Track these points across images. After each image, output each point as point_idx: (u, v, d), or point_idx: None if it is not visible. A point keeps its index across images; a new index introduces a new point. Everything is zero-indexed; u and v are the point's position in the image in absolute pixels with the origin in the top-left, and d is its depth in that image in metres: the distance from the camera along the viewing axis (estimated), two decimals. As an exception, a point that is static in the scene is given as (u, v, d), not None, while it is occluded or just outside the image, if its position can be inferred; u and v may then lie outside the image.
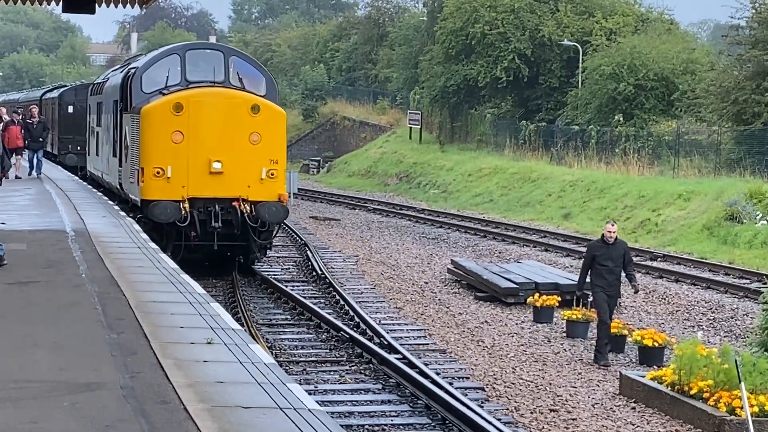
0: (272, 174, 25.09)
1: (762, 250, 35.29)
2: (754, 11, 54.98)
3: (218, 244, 24.48)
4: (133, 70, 27.47)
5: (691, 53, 64.06)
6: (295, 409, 9.66)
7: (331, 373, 17.79)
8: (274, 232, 26.79)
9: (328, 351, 19.40)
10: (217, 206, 24.36)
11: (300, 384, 11.35)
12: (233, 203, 24.52)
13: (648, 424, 15.91)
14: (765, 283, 24.22)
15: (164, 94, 25.36)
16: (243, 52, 29.19)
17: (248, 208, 24.46)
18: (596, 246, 20.97)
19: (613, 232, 20.80)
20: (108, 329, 12.94)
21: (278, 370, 11.29)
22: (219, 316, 14.12)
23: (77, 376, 10.55)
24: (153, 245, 21.89)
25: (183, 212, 23.84)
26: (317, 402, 10.42)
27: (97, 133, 36.08)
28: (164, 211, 23.69)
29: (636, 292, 22.43)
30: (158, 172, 24.30)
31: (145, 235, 23.85)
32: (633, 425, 15.84)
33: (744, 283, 29.27)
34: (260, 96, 26.23)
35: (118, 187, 29.30)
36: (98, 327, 13.09)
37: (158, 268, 18.42)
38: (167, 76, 26.28)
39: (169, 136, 24.39)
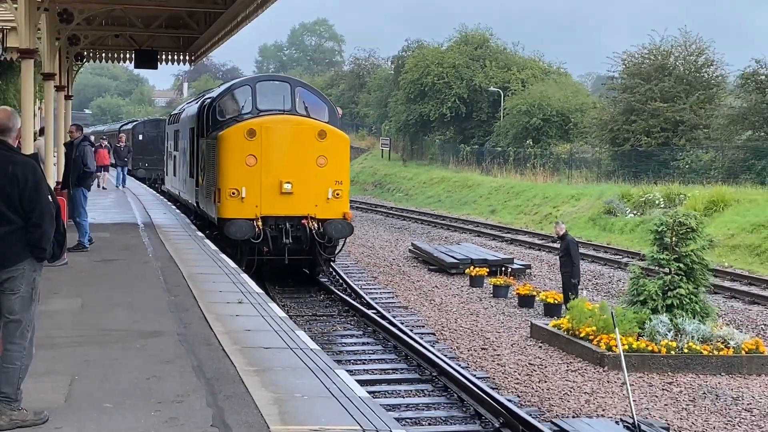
0: (337, 194, 20.70)
1: (630, 235, 35.45)
2: (623, 66, 55.19)
3: (288, 258, 20.25)
4: (208, 100, 23.20)
5: (580, 96, 64.44)
6: (301, 349, 9.72)
7: (327, 324, 17.77)
8: (339, 247, 22.02)
9: (324, 308, 19.37)
10: (287, 224, 20.23)
11: (304, 331, 11.35)
12: (302, 221, 20.29)
13: (551, 358, 15.93)
14: (632, 259, 24.27)
15: (238, 122, 21.17)
16: (307, 83, 24.15)
17: (316, 225, 20.24)
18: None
19: (559, 230, 20.25)
20: (168, 293, 12.97)
21: (289, 322, 11.33)
22: (247, 283, 14.16)
23: (146, 327, 10.60)
24: (199, 233, 21.87)
25: (256, 230, 19.78)
26: (317, 344, 10.43)
27: (174, 156, 31.06)
28: (240, 229, 19.59)
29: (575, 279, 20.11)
30: (233, 193, 20.14)
31: (193, 226, 23.85)
32: (540, 358, 15.87)
33: (617, 258, 29.37)
34: (324, 122, 21.89)
35: (195, 204, 24.91)
36: (161, 291, 13.12)
37: (203, 250, 18.43)
38: (241, 106, 22.24)
39: (244, 160, 20.18)
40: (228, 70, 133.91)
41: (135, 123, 59.03)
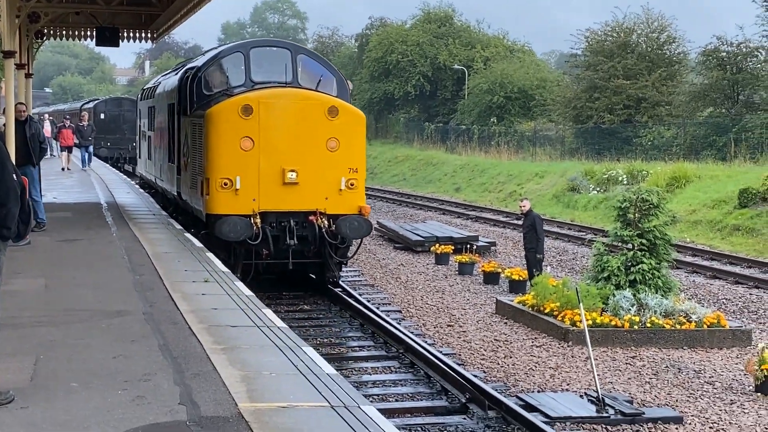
0: (352, 184, 16.82)
1: (593, 212, 35.73)
2: (587, 44, 55.41)
3: (292, 262, 16.68)
4: (192, 70, 18.73)
5: (543, 74, 64.68)
6: (268, 327, 9.74)
7: (293, 302, 17.75)
8: (355, 249, 18.53)
9: (291, 286, 19.32)
10: (291, 221, 16.49)
11: (271, 308, 11.36)
12: (310, 217, 16.53)
13: (516, 334, 16.03)
14: (596, 235, 24.44)
15: (229, 96, 17.13)
16: (311, 50, 19.77)
17: (326, 222, 16.53)
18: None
19: (523, 207, 19.97)
20: (133, 272, 12.93)
21: (256, 300, 11.35)
22: (213, 262, 14.14)
23: (111, 306, 10.59)
24: (164, 213, 21.77)
25: (254, 229, 16.07)
26: (284, 322, 10.44)
27: (149, 137, 26.25)
28: (234, 228, 15.88)
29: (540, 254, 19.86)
30: (226, 184, 16.28)
31: (158, 206, 23.71)
32: (505, 334, 15.96)
33: (581, 235, 29.57)
34: (334, 97, 17.72)
35: (176, 195, 20.42)
36: (125, 271, 13.08)
37: (168, 229, 18.36)
38: (230, 77, 18.09)
39: (238, 143, 16.29)
40: (190, 48, 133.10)
41: (96, 101, 58.62)
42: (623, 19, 54.52)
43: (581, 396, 12.05)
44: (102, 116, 52.99)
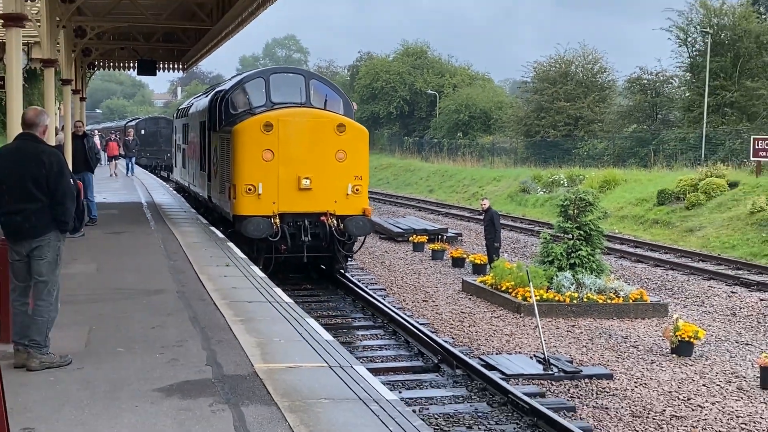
0: (357, 189, 16.36)
1: (541, 209, 35.70)
2: (534, 72, 55.45)
3: (307, 255, 16.19)
4: (221, 93, 18.33)
5: (500, 97, 64.72)
6: (278, 302, 9.66)
7: (298, 282, 17.64)
8: (359, 245, 17.93)
9: (295, 271, 19.17)
10: (306, 221, 16.04)
11: (280, 288, 11.28)
12: (321, 218, 16.09)
13: (478, 307, 16.00)
14: (543, 228, 24.41)
15: (252, 115, 16.64)
16: (321, 76, 19.16)
17: (335, 222, 16.08)
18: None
19: (483, 204, 19.90)
20: (168, 258, 12.83)
21: (268, 281, 11.25)
22: (232, 250, 14.05)
23: (150, 286, 10.47)
24: (193, 211, 21.65)
25: (274, 227, 15.63)
26: (291, 298, 10.38)
27: (184, 149, 25.47)
28: (257, 227, 15.44)
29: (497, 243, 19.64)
30: (250, 189, 15.84)
31: (188, 204, 23.56)
32: (470, 308, 15.93)
33: (531, 227, 29.56)
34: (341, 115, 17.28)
35: (207, 198, 19.81)
36: (162, 257, 12.98)
37: (197, 224, 18.24)
38: (253, 98, 17.51)
39: (260, 154, 15.88)
40: (214, 76, 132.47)
41: (138, 120, 58.42)
42: (564, 52, 54.63)
43: (531, 357, 12.02)
44: (142, 132, 52.70)
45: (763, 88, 40.62)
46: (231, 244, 14.64)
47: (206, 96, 21.32)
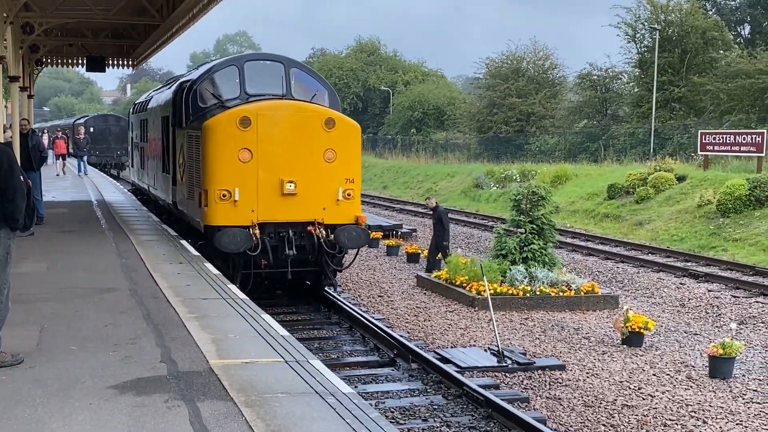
0: (348, 194, 14.06)
1: (494, 204, 36.00)
2: (487, 69, 55.84)
3: (291, 271, 13.88)
4: (187, 84, 15.82)
5: (453, 94, 65.05)
6: (232, 299, 9.63)
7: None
8: (352, 258, 16.00)
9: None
10: (290, 231, 13.73)
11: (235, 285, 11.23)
12: (308, 228, 13.78)
13: (433, 302, 16.10)
14: (496, 223, 24.61)
15: (226, 108, 14.25)
16: (303, 64, 16.32)
17: (324, 232, 13.82)
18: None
19: (430, 203, 19.77)
20: (119, 257, 12.70)
21: (222, 278, 11.16)
22: (185, 248, 13.89)
23: (102, 284, 10.37)
24: (145, 209, 21.42)
25: (254, 240, 13.35)
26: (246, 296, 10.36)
27: (142, 148, 22.77)
28: (233, 239, 13.16)
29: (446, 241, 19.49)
30: (224, 195, 13.46)
31: (139, 203, 23.31)
32: (425, 303, 16.03)
33: (484, 222, 29.81)
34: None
35: (171, 204, 17.25)
36: (114, 256, 12.83)
37: (149, 222, 18.07)
38: (225, 89, 15.13)
39: (236, 155, 13.52)
40: (164, 73, 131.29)
41: (87, 118, 57.67)
42: (515, 49, 55.10)
43: (485, 350, 12.13)
44: (92, 129, 52.05)
45: (709, 84, 41.39)
46: (184, 242, 14.51)
47: (169, 88, 18.69)
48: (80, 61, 27.07)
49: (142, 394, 5.90)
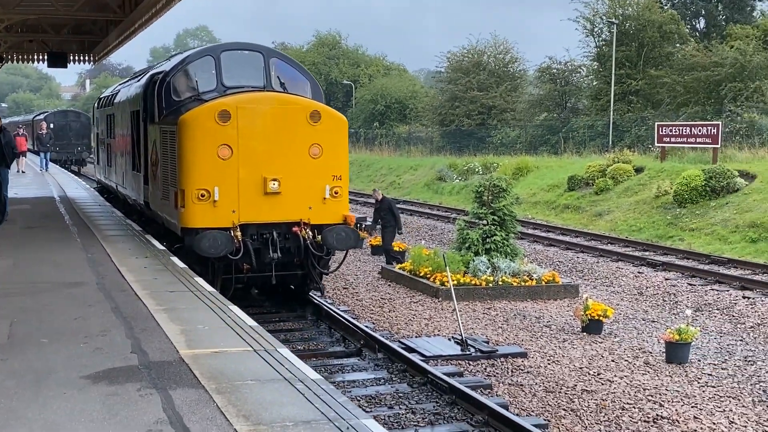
0: (336, 192, 13.21)
1: (457, 196, 36.28)
2: (448, 63, 56.11)
3: (276, 274, 12.92)
4: (159, 76, 14.70)
5: (415, 87, 65.23)
6: (200, 291, 9.73)
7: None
8: (342, 260, 15.04)
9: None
10: (274, 233, 12.77)
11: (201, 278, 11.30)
12: (293, 228, 12.83)
13: (397, 293, 16.29)
14: (459, 215, 24.84)
15: (202, 101, 13.22)
16: (283, 53, 15.30)
17: (310, 233, 12.88)
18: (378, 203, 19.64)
19: (377, 196, 19.83)
20: (85, 251, 12.69)
21: (189, 271, 11.24)
22: (151, 243, 13.92)
23: (69, 278, 10.40)
24: (108, 204, 21.35)
25: (236, 243, 12.35)
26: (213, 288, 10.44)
27: (108, 144, 21.45)
28: (214, 243, 12.16)
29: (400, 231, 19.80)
30: (203, 195, 12.46)
31: (101, 198, 23.20)
32: (389, 294, 16.21)
33: (447, 214, 30.04)
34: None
35: (143, 204, 16.05)
36: (79, 250, 12.83)
37: (113, 217, 18.03)
38: (201, 81, 14.07)
39: (215, 151, 12.51)
40: (124, 68, 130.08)
41: (46, 113, 57.02)
42: (476, 43, 55.44)
43: (449, 339, 12.36)
44: (51, 126, 51.48)
45: (666, 77, 42.04)
46: (149, 237, 14.54)
47: (138, 81, 17.49)
48: (41, 57, 26.82)
49: (114, 384, 6.01)
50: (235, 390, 5.84)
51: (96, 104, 25.70)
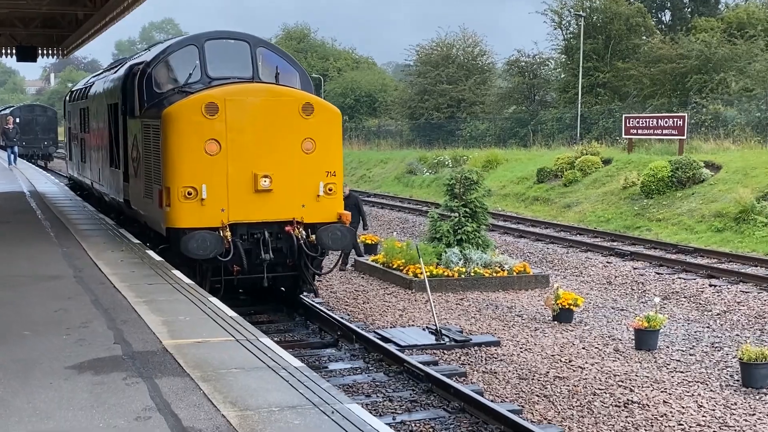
0: (330, 189, 12.47)
1: (427, 189, 36.49)
2: (417, 56, 56.29)
3: (268, 276, 12.35)
4: (139, 67, 13.96)
5: (384, 81, 65.38)
6: (179, 284, 9.82)
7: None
8: (337, 260, 14.91)
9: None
10: (266, 233, 12.14)
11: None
12: (286, 228, 12.20)
13: (371, 285, 16.43)
14: (430, 207, 25.02)
15: (187, 94, 12.49)
16: (270, 42, 14.51)
17: (303, 232, 12.25)
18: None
19: (345, 192, 19.66)
20: (60, 246, 12.70)
21: (166, 264, 11.30)
22: (126, 236, 13.96)
23: (46, 272, 10.44)
24: (79, 198, 21.27)
25: (225, 243, 11.73)
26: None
27: (82, 139, 20.45)
28: (203, 244, 11.55)
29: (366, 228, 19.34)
30: (190, 193, 11.80)
31: (72, 193, 23.08)
32: (363, 286, 16.33)
33: (419, 207, 30.22)
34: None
35: (123, 203, 15.23)
36: (54, 245, 12.82)
37: (85, 211, 18.00)
38: (184, 72, 13.33)
39: (202, 146, 11.82)
40: (89, 62, 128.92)
41: (12, 108, 56.55)
42: (445, 36, 55.68)
43: (424, 329, 12.54)
44: (18, 120, 51.09)
45: (633, 69, 42.55)
46: (124, 231, 14.54)
47: (115, 72, 16.61)
48: (10, 51, 26.58)
49: (100, 373, 6.12)
50: (220, 378, 5.98)
51: (67, 97, 25.01)
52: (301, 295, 13.53)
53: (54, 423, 5.11)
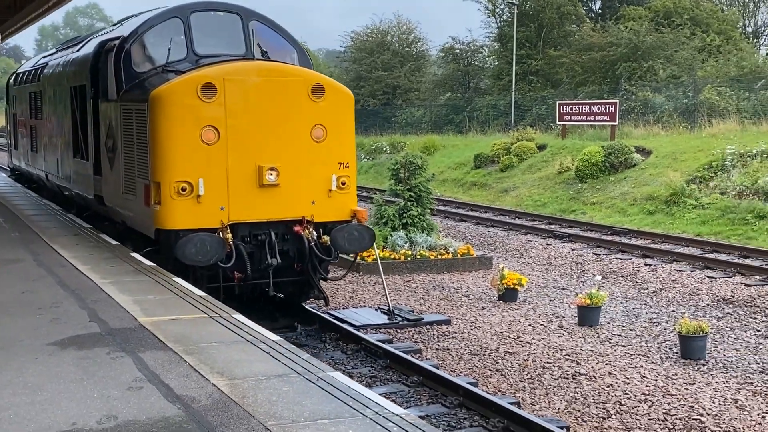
0: (343, 183, 10.84)
1: (366, 175, 36.78)
2: (352, 42, 56.50)
3: (274, 282, 10.67)
4: (114, 43, 12.07)
5: (318, 67, 65.39)
6: (140, 266, 9.95)
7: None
8: (351, 264, 13.02)
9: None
10: (272, 233, 10.47)
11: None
12: (295, 228, 10.58)
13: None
14: (375, 193, 25.30)
15: (177, 73, 10.71)
16: (264, 16, 12.38)
17: (314, 233, 10.63)
18: None
19: None
20: (12, 231, 12.68)
21: (122, 247, 11.38)
22: (78, 222, 13.93)
23: (6, 257, 10.44)
24: (19, 184, 21.02)
25: (226, 247, 10.02)
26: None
27: (33, 126, 18.55)
28: (202, 248, 9.78)
29: None
30: (184, 189, 10.03)
31: (11, 180, 22.76)
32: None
33: (360, 193, 30.25)
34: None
35: (92, 199, 13.29)
36: (5, 232, 12.78)
37: (28, 197, 17.87)
38: (167, 49, 11.56)
39: (198, 135, 10.06)
40: (10, 48, 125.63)
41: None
42: (380, 23, 55.96)
43: (376, 309, 12.89)
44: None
45: (564, 57, 43.48)
46: (72, 216, 14.50)
47: (78, 51, 14.80)
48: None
49: (83, 349, 6.31)
50: (202, 351, 6.23)
51: (11, 80, 22.71)
52: (303, 303, 12.09)
53: (47, 394, 5.30)
